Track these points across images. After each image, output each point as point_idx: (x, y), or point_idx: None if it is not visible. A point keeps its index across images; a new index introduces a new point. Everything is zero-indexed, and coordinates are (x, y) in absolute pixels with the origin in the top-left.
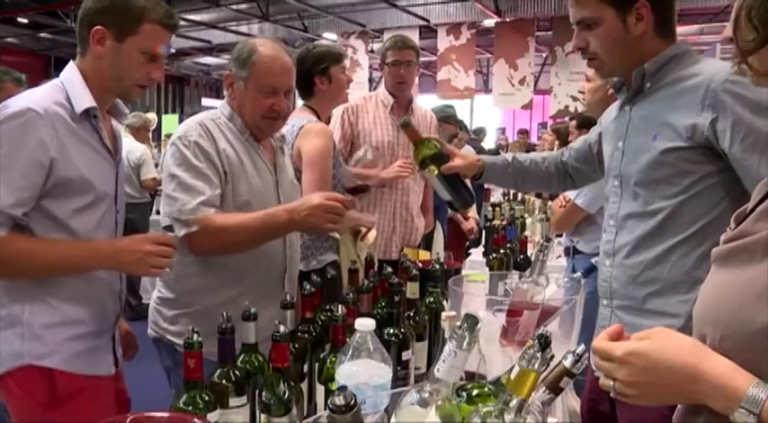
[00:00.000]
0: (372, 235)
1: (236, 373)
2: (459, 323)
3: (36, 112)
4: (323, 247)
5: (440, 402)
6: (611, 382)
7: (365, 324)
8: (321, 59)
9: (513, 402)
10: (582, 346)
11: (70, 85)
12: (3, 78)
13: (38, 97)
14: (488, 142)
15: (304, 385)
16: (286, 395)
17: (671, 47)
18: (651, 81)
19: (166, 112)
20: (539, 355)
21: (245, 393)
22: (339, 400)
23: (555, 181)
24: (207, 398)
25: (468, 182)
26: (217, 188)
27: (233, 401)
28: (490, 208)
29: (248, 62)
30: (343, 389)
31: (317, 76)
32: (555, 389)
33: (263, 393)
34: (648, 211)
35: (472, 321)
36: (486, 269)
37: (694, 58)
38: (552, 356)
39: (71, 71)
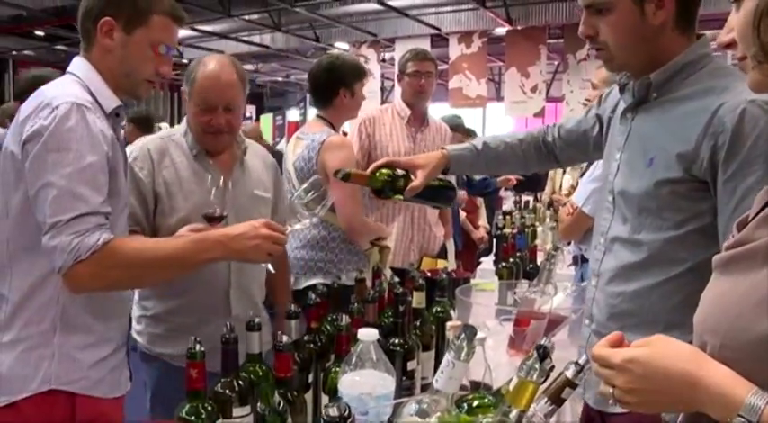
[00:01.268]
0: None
1: (240, 382)
2: (457, 334)
3: (85, 106)
4: (353, 261)
5: (439, 413)
6: (611, 390)
7: (368, 334)
8: (349, 73)
9: (513, 414)
10: (584, 356)
11: (91, 82)
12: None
13: (73, 92)
14: None
15: (309, 395)
16: (281, 405)
17: (685, 51)
18: (657, 92)
19: (179, 122)
20: (537, 365)
21: (248, 403)
22: (333, 412)
23: (534, 162)
24: (210, 408)
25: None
26: (134, 209)
27: (236, 411)
28: (501, 216)
29: (190, 78)
30: (337, 400)
31: (342, 87)
32: (557, 400)
33: (258, 404)
34: (634, 241)
35: (471, 332)
36: (496, 278)
37: (710, 67)
38: (553, 367)
39: (86, 68)
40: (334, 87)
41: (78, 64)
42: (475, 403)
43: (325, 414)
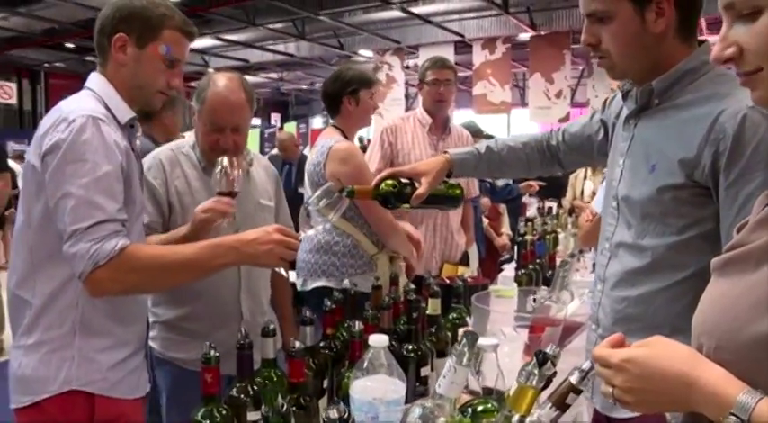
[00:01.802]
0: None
1: (254, 387)
2: (459, 339)
3: (100, 119)
4: (356, 266)
5: (443, 418)
6: (611, 389)
7: (378, 340)
8: (352, 81)
9: (515, 419)
10: (588, 362)
11: (107, 96)
12: None
13: (89, 106)
14: None
15: (324, 401)
16: (284, 408)
17: (687, 58)
18: (660, 99)
19: None
20: (536, 371)
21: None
22: (333, 414)
23: (537, 166)
24: (224, 412)
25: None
26: (153, 217)
27: (251, 416)
28: (523, 223)
29: (201, 97)
30: (336, 403)
31: (345, 96)
32: (561, 405)
33: (263, 406)
34: (639, 246)
35: (471, 338)
36: (515, 284)
37: (712, 73)
38: (555, 373)
39: (102, 82)
40: (339, 96)
41: (94, 79)
42: (479, 408)
43: (325, 416)
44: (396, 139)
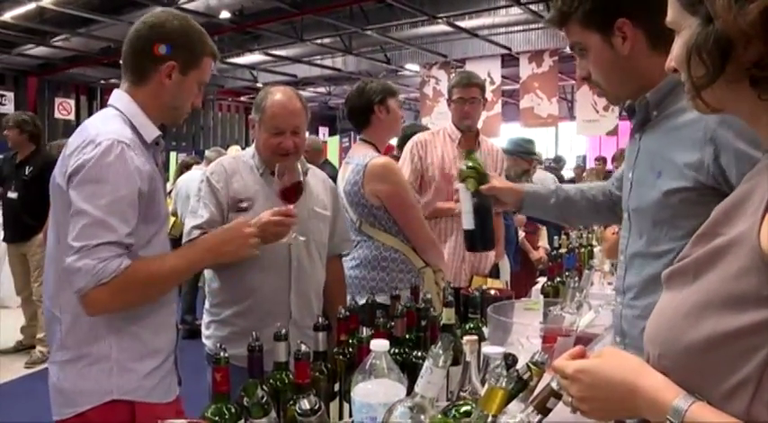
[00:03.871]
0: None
1: (264, 388)
2: (436, 343)
3: (126, 144)
4: (405, 280)
5: (423, 416)
6: (570, 398)
7: (379, 345)
8: (380, 91)
9: (489, 419)
10: None
11: (133, 115)
12: None
13: (115, 128)
14: (568, 170)
15: (335, 403)
16: (264, 399)
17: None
18: (657, 110)
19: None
20: (504, 373)
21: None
22: (305, 405)
23: (604, 210)
24: (233, 410)
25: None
26: (214, 215)
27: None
28: (561, 237)
29: (260, 107)
30: (307, 394)
31: (376, 105)
32: (543, 409)
33: (245, 398)
34: (653, 253)
35: (447, 340)
36: (541, 297)
37: None
38: (530, 377)
39: (128, 102)
40: (369, 106)
41: (120, 97)
42: (462, 410)
43: (298, 407)
44: (425, 153)
